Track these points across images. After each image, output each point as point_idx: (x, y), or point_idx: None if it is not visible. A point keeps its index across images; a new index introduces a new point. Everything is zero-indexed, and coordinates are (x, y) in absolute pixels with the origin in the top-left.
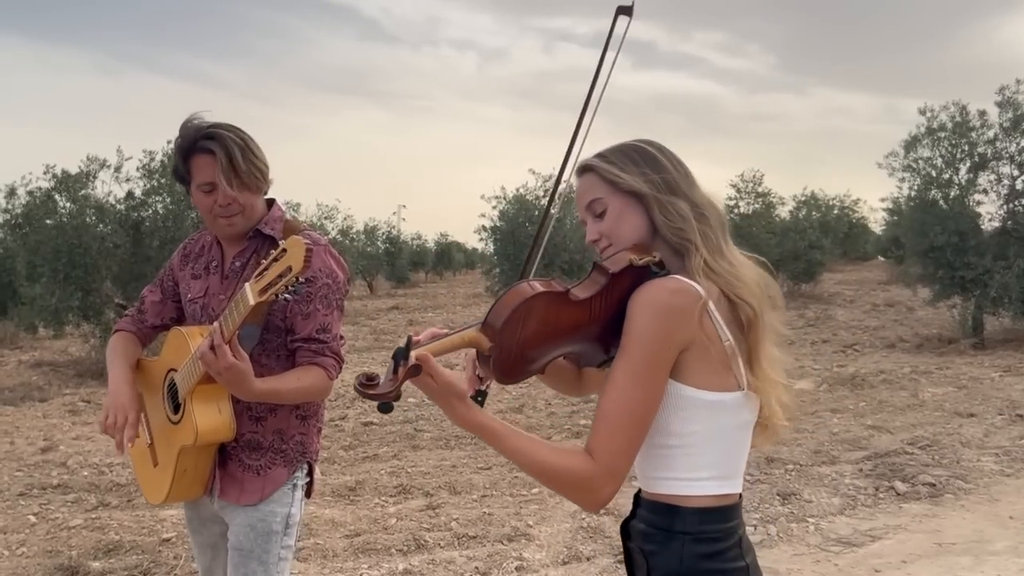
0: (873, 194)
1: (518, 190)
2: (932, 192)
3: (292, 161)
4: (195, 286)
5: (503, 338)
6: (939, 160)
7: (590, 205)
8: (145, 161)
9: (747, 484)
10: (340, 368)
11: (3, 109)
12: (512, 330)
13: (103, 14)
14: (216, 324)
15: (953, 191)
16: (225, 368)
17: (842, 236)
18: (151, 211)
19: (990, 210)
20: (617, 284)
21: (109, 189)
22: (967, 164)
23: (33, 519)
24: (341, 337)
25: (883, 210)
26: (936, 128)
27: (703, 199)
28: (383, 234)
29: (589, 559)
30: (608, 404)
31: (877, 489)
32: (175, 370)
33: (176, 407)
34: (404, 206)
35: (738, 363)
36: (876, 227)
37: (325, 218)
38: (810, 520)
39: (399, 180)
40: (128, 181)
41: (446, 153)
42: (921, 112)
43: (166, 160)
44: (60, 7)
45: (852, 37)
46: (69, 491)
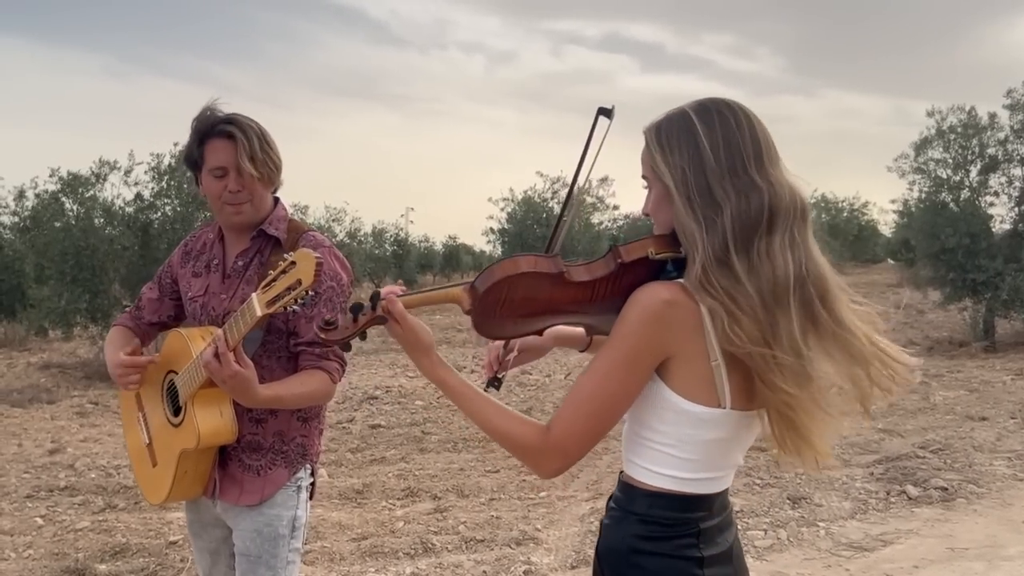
0: (882, 196)
1: (526, 192)
2: (942, 194)
3: (300, 163)
4: (195, 284)
5: (482, 304)
6: (949, 162)
7: (643, 176)
8: (153, 164)
9: (757, 488)
10: (343, 372)
11: (12, 112)
12: (492, 299)
13: (112, 17)
14: (220, 332)
15: (964, 193)
16: (230, 376)
17: (851, 239)
18: (159, 213)
19: (1001, 212)
20: (629, 272)
21: (118, 191)
22: (978, 166)
23: (40, 521)
24: None
25: (893, 212)
26: (946, 130)
27: (739, 186)
28: (391, 236)
29: None
30: (579, 389)
31: (888, 493)
32: (175, 372)
33: (176, 409)
34: (412, 208)
35: (724, 383)
36: (886, 229)
37: (333, 220)
38: (821, 524)
39: (407, 182)
40: (137, 184)
41: (454, 155)
42: (930, 114)
43: (174, 163)
44: (68, 10)
45: (861, 39)
46: (76, 493)
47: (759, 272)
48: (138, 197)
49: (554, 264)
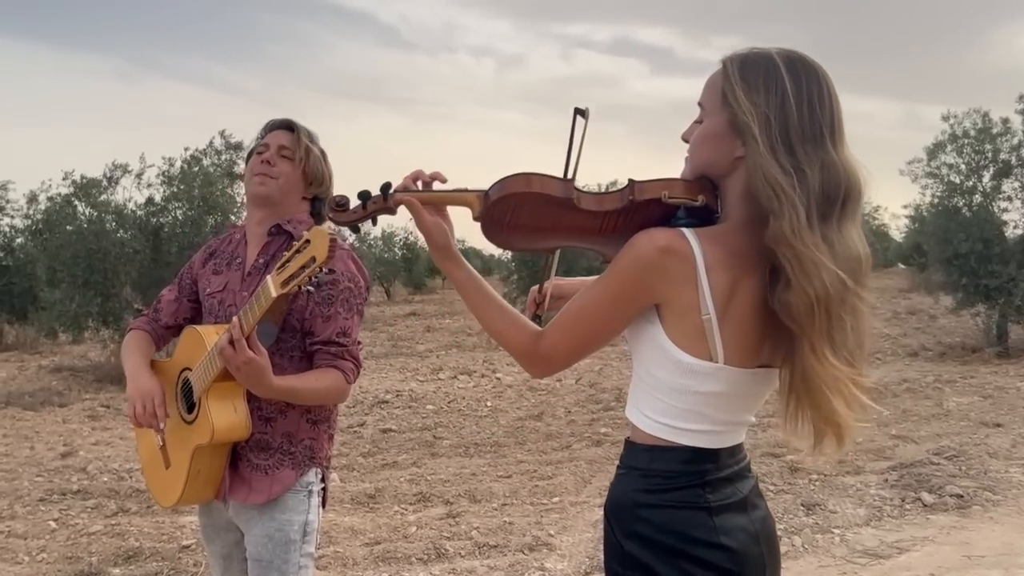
0: (893, 201)
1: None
2: (955, 199)
3: None
4: (215, 281)
5: (490, 214)
6: (962, 167)
7: (699, 105)
8: (165, 167)
9: (770, 495)
10: (358, 373)
11: (23, 115)
12: (500, 211)
13: (121, 20)
14: (236, 318)
15: (977, 198)
16: (244, 362)
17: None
18: (170, 217)
19: (1014, 218)
20: (640, 210)
21: (129, 195)
22: (991, 171)
23: (53, 525)
24: (359, 342)
25: (905, 217)
26: (959, 135)
27: (819, 157)
28: (400, 240)
29: None
30: (575, 305)
31: (903, 500)
32: (189, 369)
33: (190, 407)
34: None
35: (715, 337)
36: (896, 234)
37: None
38: (835, 531)
39: None
40: (149, 187)
41: (463, 159)
42: (944, 119)
43: (185, 167)
44: (78, 13)
45: (872, 42)
46: (89, 497)
47: (832, 248)
48: (149, 201)
49: (565, 189)
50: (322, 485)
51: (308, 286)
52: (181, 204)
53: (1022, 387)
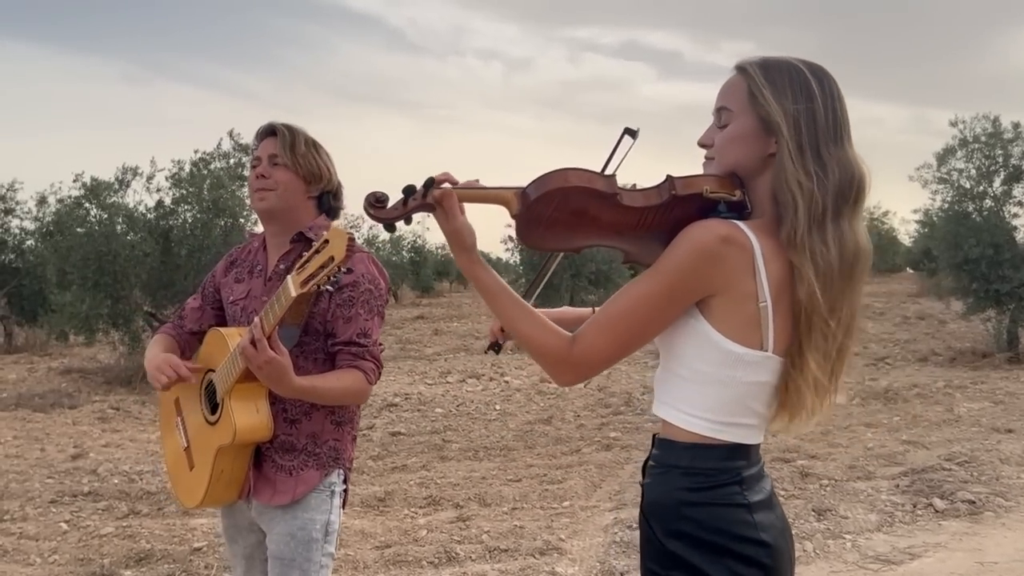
0: (902, 205)
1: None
2: (965, 204)
3: None
4: (237, 289)
5: (530, 211)
6: (973, 172)
7: (719, 111)
8: (174, 170)
9: (781, 500)
10: (379, 373)
11: (32, 119)
12: (541, 207)
13: (130, 23)
14: (257, 319)
15: (987, 203)
16: (265, 361)
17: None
18: (180, 220)
19: None
20: (679, 206)
21: (140, 198)
22: (1001, 176)
23: (65, 526)
24: (380, 344)
25: (915, 222)
26: (970, 140)
27: (837, 156)
28: (408, 244)
29: (623, 574)
30: (614, 305)
31: (915, 506)
32: (213, 370)
33: (213, 408)
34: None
35: (769, 325)
36: (906, 239)
37: (351, 227)
38: (847, 536)
39: None
40: (158, 191)
41: (471, 162)
42: (953, 124)
43: (195, 170)
44: (86, 17)
45: (882, 47)
46: (100, 499)
47: (843, 243)
48: (159, 204)
49: (608, 184)
50: (344, 486)
51: (327, 285)
52: (191, 206)
53: None
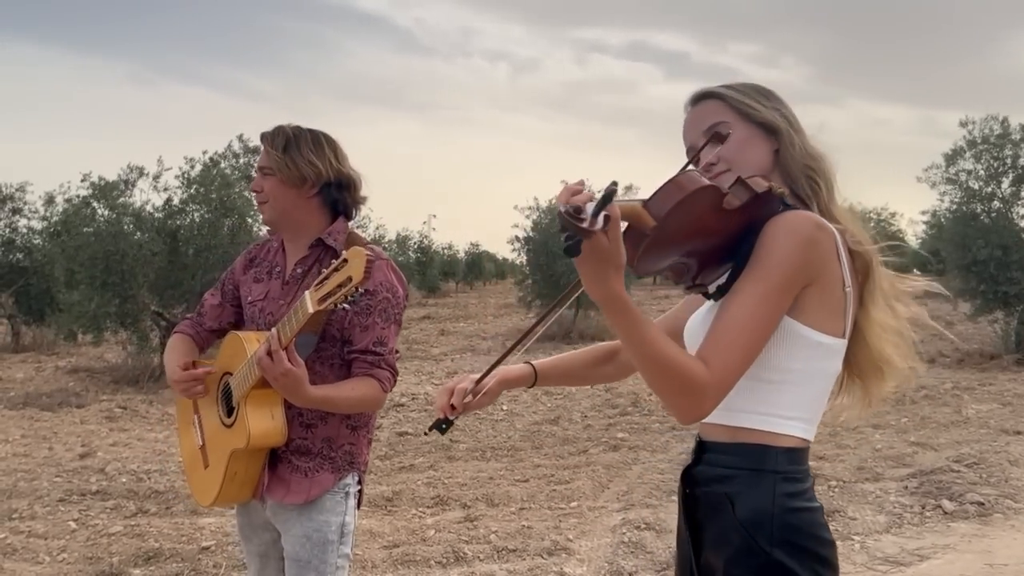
0: (909, 207)
1: (551, 201)
2: (974, 205)
3: None
4: (256, 289)
5: (666, 222)
6: (981, 173)
7: (714, 127)
8: (185, 170)
9: None
10: (394, 381)
11: (42, 119)
12: (676, 217)
13: (139, 25)
14: (274, 330)
15: (995, 204)
16: (281, 373)
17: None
18: (188, 219)
19: None
20: (753, 206)
21: (147, 197)
22: (1010, 177)
23: (73, 525)
24: (396, 351)
25: (923, 223)
26: (978, 141)
27: (815, 146)
28: (415, 243)
29: (631, 574)
30: (730, 321)
31: (924, 507)
32: (230, 374)
33: (229, 411)
34: (435, 215)
35: (848, 311)
36: (913, 240)
37: (358, 227)
38: (855, 538)
39: (430, 190)
40: (166, 190)
41: (477, 163)
42: (962, 124)
43: (204, 170)
44: (96, 19)
45: (889, 48)
46: (108, 497)
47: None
48: (167, 203)
49: (720, 182)
50: (358, 487)
51: (344, 304)
52: (199, 206)
53: None
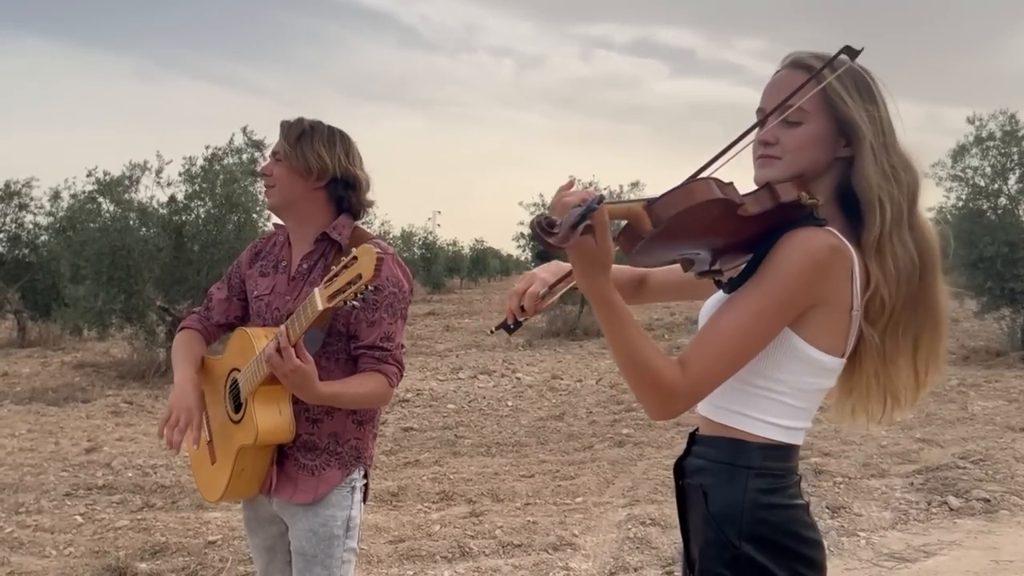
0: None
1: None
2: (980, 202)
3: None
4: (262, 283)
5: (667, 227)
6: (988, 169)
7: (790, 107)
8: (187, 166)
9: None
10: (401, 376)
11: (48, 114)
12: (678, 222)
13: (144, 21)
14: (283, 327)
15: (1002, 201)
16: (291, 370)
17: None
18: (193, 215)
19: None
20: (776, 213)
21: (152, 193)
22: (1016, 174)
23: (80, 519)
24: (402, 346)
25: (929, 219)
26: (985, 137)
27: (903, 156)
28: (419, 240)
29: (636, 570)
30: (722, 329)
31: (930, 504)
32: (238, 370)
33: (237, 406)
34: (440, 212)
35: (852, 332)
36: None
37: (362, 224)
38: (861, 534)
39: (435, 186)
40: (170, 185)
41: (482, 160)
42: (969, 121)
43: (207, 165)
44: (102, 14)
45: (895, 45)
46: (114, 492)
47: (920, 240)
48: (172, 199)
49: (736, 193)
50: (364, 481)
51: (354, 302)
52: (203, 202)
53: None
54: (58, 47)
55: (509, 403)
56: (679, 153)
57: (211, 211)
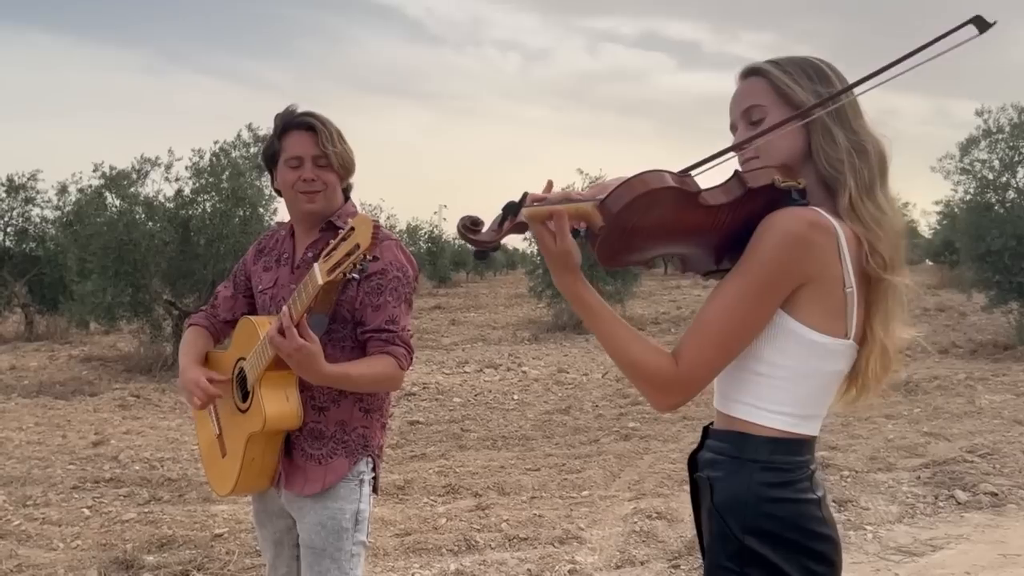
0: (921, 197)
1: (564, 189)
2: (988, 195)
3: None
4: (266, 277)
5: (616, 221)
6: (996, 163)
7: (749, 110)
8: (195, 160)
9: None
10: (411, 359)
11: (55, 109)
12: (627, 216)
13: (151, 15)
14: (285, 307)
15: (1010, 194)
16: (295, 349)
17: None
18: (199, 209)
19: None
20: (751, 200)
21: (159, 187)
22: None
23: (87, 512)
24: (408, 329)
25: (936, 214)
26: (993, 130)
27: (866, 132)
28: (425, 234)
29: (643, 563)
30: (708, 316)
31: (936, 497)
32: (244, 359)
33: (245, 395)
34: (446, 206)
35: (853, 312)
36: (926, 230)
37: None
38: (868, 528)
39: (441, 180)
40: (177, 180)
41: (488, 153)
42: (978, 113)
43: (214, 160)
44: (108, 8)
45: (902, 37)
46: (121, 485)
47: (894, 208)
48: (178, 193)
49: (690, 183)
50: (373, 474)
51: (353, 273)
52: (210, 196)
53: None
54: (64, 41)
55: (515, 397)
56: (686, 147)
57: (217, 205)
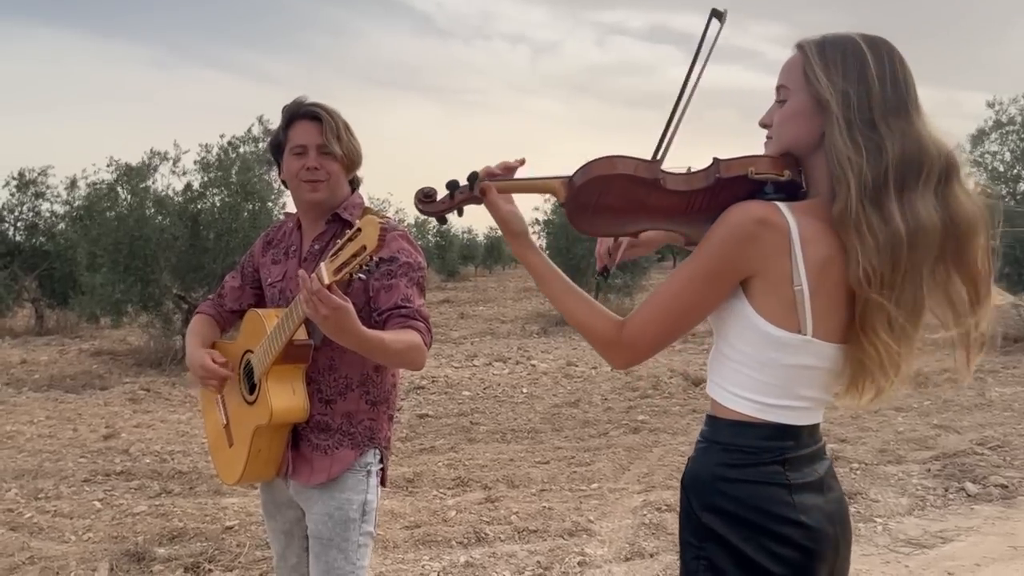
0: None
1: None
2: (999, 187)
3: None
4: (275, 271)
5: (576, 199)
6: (1007, 155)
7: (778, 88)
8: (202, 155)
9: None
10: (431, 337)
11: (64, 103)
12: (586, 195)
13: (159, 9)
14: (314, 272)
15: (1021, 187)
16: (333, 309)
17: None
18: (208, 204)
19: None
20: (726, 187)
21: (168, 182)
22: None
23: (99, 505)
24: (425, 309)
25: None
26: (1005, 122)
27: (901, 129)
28: (434, 228)
29: (652, 556)
30: (660, 292)
31: (947, 490)
32: (251, 351)
33: (251, 387)
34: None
35: (806, 309)
36: None
37: (376, 211)
38: (878, 520)
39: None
40: (185, 174)
41: (497, 147)
42: (989, 105)
43: (222, 154)
44: (117, 3)
45: (914, 30)
46: (132, 478)
47: (908, 218)
48: (188, 188)
49: (650, 170)
50: (380, 465)
51: (359, 274)
52: (219, 190)
53: None
54: (73, 36)
55: (524, 390)
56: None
57: (226, 199)
